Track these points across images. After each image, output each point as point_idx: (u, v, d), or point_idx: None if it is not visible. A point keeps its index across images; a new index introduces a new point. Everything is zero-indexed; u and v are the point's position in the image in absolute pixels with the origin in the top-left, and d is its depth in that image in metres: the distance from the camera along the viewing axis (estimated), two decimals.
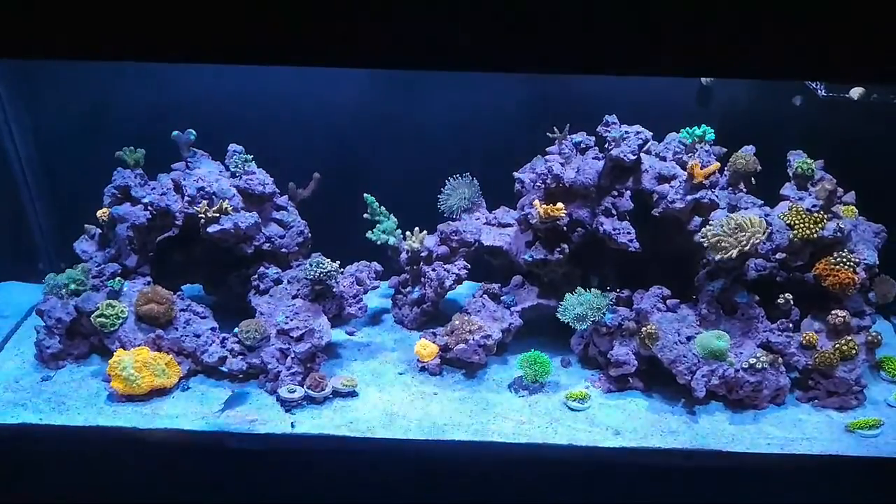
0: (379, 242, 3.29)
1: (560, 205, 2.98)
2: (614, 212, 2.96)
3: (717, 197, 2.94)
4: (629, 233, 2.94)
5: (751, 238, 2.69)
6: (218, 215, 2.99)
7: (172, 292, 3.03)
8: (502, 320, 3.11)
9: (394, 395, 2.93)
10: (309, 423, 2.75)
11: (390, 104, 3.37)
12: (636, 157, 2.93)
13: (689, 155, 3.05)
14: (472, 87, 3.28)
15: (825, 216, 2.86)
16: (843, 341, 2.83)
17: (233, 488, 2.77)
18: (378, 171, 3.46)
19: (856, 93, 3.07)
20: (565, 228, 3.03)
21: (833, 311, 2.87)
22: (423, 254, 3.27)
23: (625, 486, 2.74)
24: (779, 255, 2.91)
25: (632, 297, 3.02)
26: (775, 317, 2.91)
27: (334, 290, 3.06)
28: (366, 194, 3.27)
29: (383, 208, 3.30)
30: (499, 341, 3.06)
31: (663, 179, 3.00)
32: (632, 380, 2.95)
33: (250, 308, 3.08)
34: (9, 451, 2.74)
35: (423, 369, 3.06)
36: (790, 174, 3.06)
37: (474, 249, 3.25)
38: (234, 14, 1.59)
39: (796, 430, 2.76)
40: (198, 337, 2.98)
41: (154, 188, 3.14)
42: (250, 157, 3.16)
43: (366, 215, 3.28)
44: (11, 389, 2.89)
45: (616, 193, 2.98)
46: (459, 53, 1.65)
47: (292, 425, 2.74)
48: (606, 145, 2.99)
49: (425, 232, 3.29)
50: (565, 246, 3.03)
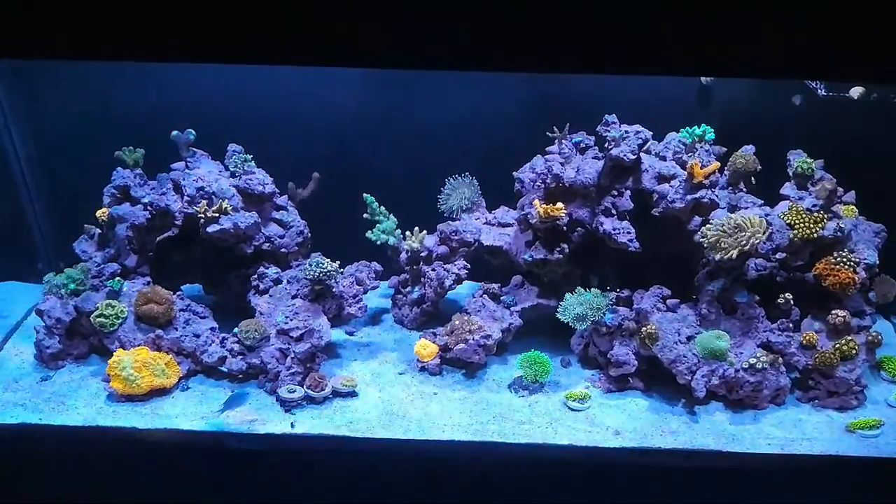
0: (379, 242, 3.29)
1: (560, 204, 2.98)
2: (614, 211, 2.96)
3: (717, 196, 2.94)
4: (629, 232, 2.93)
5: (750, 238, 2.69)
6: (217, 215, 2.99)
7: (172, 292, 3.03)
8: (502, 320, 3.11)
9: (394, 395, 2.92)
10: (309, 423, 2.75)
11: (390, 104, 3.37)
12: (636, 156, 2.93)
13: (689, 154, 3.05)
14: (471, 87, 3.28)
15: (825, 216, 2.86)
16: (843, 341, 2.83)
17: (233, 488, 2.77)
18: (378, 171, 3.46)
19: (856, 92, 3.07)
20: (565, 228, 3.03)
21: (833, 311, 2.87)
22: (422, 254, 3.27)
23: (625, 486, 2.74)
24: (779, 255, 2.91)
25: (632, 296, 3.02)
26: (775, 317, 2.91)
27: (334, 290, 3.06)
28: (365, 194, 3.26)
29: (383, 208, 3.29)
30: (499, 341, 3.06)
31: (663, 179, 3.00)
32: (632, 380, 2.95)
33: (250, 308, 3.08)
34: (8, 450, 2.74)
35: (422, 369, 3.06)
36: (790, 174, 3.06)
37: (474, 249, 3.25)
38: (234, 14, 1.59)
39: (796, 431, 2.76)
40: (197, 337, 2.98)
41: (153, 188, 3.14)
42: (250, 156, 3.16)
43: (365, 215, 3.28)
44: (11, 389, 2.89)
45: (616, 193, 2.98)
46: (459, 53, 1.65)
47: (292, 425, 2.73)
48: (606, 145, 2.99)
49: (425, 232, 3.29)
50: (565, 246, 3.03)
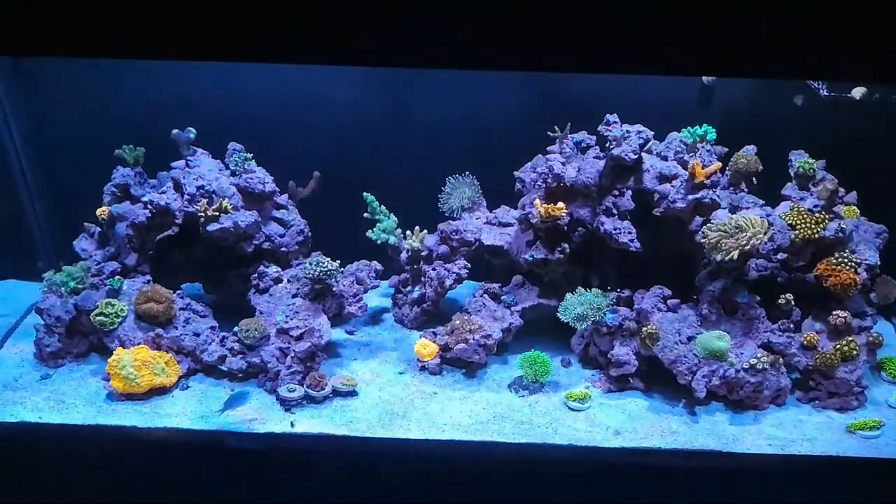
0: (379, 241, 3.29)
1: (561, 204, 2.97)
2: (615, 211, 2.96)
3: (718, 197, 2.94)
4: (630, 232, 2.93)
5: (751, 238, 2.68)
6: (217, 214, 2.99)
7: (172, 291, 3.02)
8: (502, 320, 3.10)
9: (394, 394, 2.92)
10: (308, 422, 2.75)
11: (390, 103, 3.37)
12: (637, 156, 2.92)
13: (691, 154, 3.04)
14: (472, 86, 3.28)
15: (827, 216, 2.86)
16: (844, 342, 2.82)
17: (232, 488, 2.77)
18: (378, 170, 3.46)
19: (858, 92, 3.07)
20: (566, 228, 3.02)
21: (834, 312, 2.86)
22: (423, 253, 3.27)
23: (625, 486, 2.74)
24: (780, 256, 2.91)
25: (632, 296, 3.02)
26: (776, 317, 2.90)
27: (334, 289, 3.05)
28: (366, 193, 3.26)
29: (383, 207, 3.29)
30: (499, 341, 3.05)
31: (664, 179, 3.00)
32: (632, 380, 2.94)
33: (250, 307, 3.08)
34: (8, 449, 2.74)
35: (423, 369, 3.06)
36: (792, 174, 3.06)
37: (475, 249, 3.24)
38: (234, 12, 1.59)
39: (797, 431, 2.75)
40: (197, 336, 2.98)
41: (154, 186, 3.14)
42: (250, 155, 3.16)
43: (366, 214, 3.28)
44: (10, 388, 2.89)
45: (617, 193, 2.97)
46: (459, 52, 1.64)
47: (292, 424, 2.73)
48: (607, 144, 2.98)
49: (425, 231, 3.28)
50: (566, 245, 3.02)
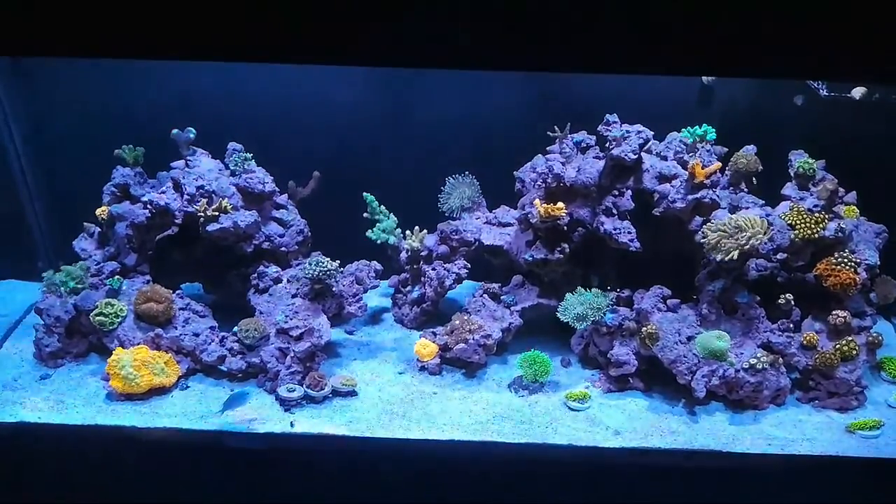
0: (379, 241, 3.29)
1: (560, 204, 2.97)
2: (615, 211, 2.96)
3: (718, 197, 2.94)
4: (630, 232, 2.93)
5: (751, 238, 2.68)
6: (217, 214, 2.98)
7: (172, 291, 3.02)
8: (502, 320, 3.10)
9: (393, 394, 2.92)
10: (308, 422, 2.75)
11: (390, 103, 3.37)
12: (637, 156, 2.92)
13: (691, 154, 3.04)
14: (472, 86, 3.28)
15: (826, 216, 2.86)
16: (843, 342, 2.82)
17: (232, 488, 2.77)
18: (378, 170, 3.46)
19: (858, 92, 3.07)
20: (566, 228, 3.02)
21: (834, 312, 2.86)
22: (423, 253, 3.27)
23: (625, 486, 2.74)
24: (780, 256, 2.91)
25: (632, 296, 3.02)
26: (776, 317, 2.90)
27: (334, 289, 3.05)
28: (365, 193, 3.26)
29: (383, 207, 3.29)
30: (499, 341, 3.05)
31: (664, 179, 3.00)
32: (632, 380, 2.94)
33: (250, 307, 3.07)
34: (7, 449, 2.74)
35: (422, 369, 3.05)
36: (791, 174, 3.06)
37: (474, 249, 3.24)
38: (234, 12, 1.59)
39: (797, 431, 2.75)
40: (197, 336, 2.98)
41: (153, 186, 3.14)
42: (250, 155, 3.16)
43: (366, 214, 3.28)
44: (10, 388, 2.88)
45: (617, 193, 2.97)
46: (459, 52, 1.64)
47: (291, 424, 2.73)
48: (607, 144, 2.98)
49: (425, 231, 3.28)
50: (566, 245, 3.02)
